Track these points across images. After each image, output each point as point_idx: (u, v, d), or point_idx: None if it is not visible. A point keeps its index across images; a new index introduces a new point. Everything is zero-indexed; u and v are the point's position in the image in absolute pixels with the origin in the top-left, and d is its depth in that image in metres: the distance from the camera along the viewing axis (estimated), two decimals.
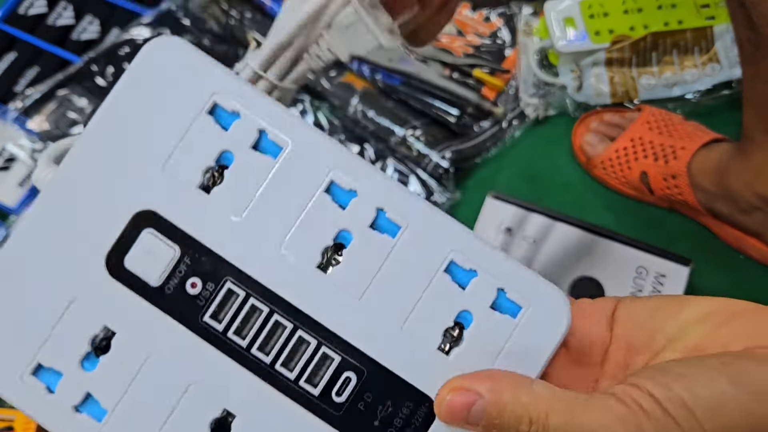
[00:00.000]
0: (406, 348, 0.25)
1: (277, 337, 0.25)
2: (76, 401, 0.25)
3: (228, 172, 0.25)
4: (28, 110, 0.75)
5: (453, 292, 0.25)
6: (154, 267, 0.25)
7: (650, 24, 0.75)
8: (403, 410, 0.25)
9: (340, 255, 0.25)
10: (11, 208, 0.74)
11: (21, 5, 0.85)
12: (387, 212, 0.25)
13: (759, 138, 0.59)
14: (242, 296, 0.25)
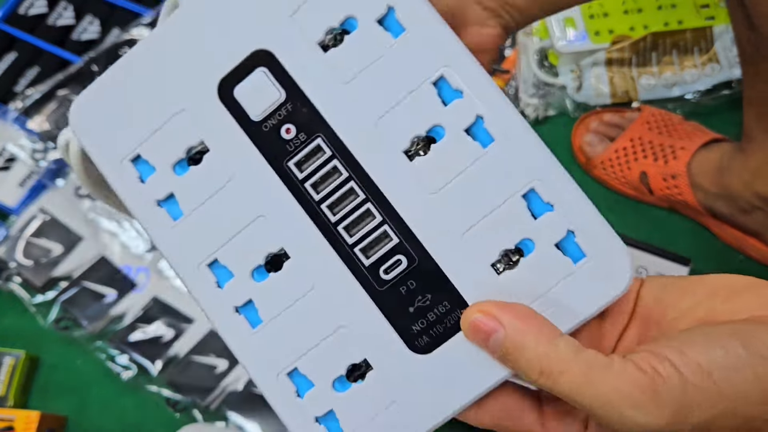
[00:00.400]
0: (461, 253, 0.25)
1: (347, 202, 0.26)
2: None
3: (348, 38, 0.26)
4: (28, 110, 0.75)
5: (524, 218, 0.25)
6: (258, 103, 0.26)
7: (650, 24, 0.75)
8: (439, 308, 0.26)
9: (428, 150, 0.26)
10: (11, 207, 0.74)
11: (21, 5, 0.85)
12: (485, 121, 0.25)
13: (759, 138, 0.59)
14: (328, 155, 0.26)
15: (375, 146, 0.26)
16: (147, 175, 0.27)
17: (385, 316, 0.26)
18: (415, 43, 0.25)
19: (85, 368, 0.68)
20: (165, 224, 0.27)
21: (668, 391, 0.23)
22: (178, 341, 0.67)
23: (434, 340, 0.26)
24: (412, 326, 0.26)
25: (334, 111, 0.26)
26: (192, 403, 0.64)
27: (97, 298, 0.69)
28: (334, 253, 0.26)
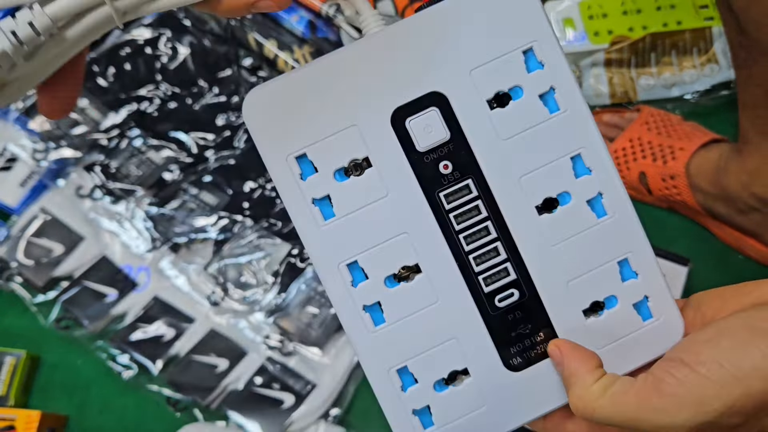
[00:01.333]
0: (562, 297, 0.32)
1: (481, 237, 0.31)
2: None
3: (513, 103, 0.31)
4: (29, 110, 0.75)
5: (614, 279, 0.32)
6: (426, 136, 0.31)
7: (649, 25, 0.75)
8: (535, 337, 0.32)
9: (554, 209, 0.31)
10: (13, 207, 0.74)
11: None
12: (603, 198, 0.31)
13: (754, 140, 0.59)
14: (474, 195, 0.31)
15: (514, 197, 0.31)
16: (308, 175, 0.31)
17: (490, 335, 0.32)
18: (565, 122, 0.31)
19: (86, 368, 0.69)
20: (315, 222, 0.31)
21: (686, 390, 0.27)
22: (178, 341, 0.67)
23: (526, 362, 0.32)
24: (510, 348, 0.32)
25: (488, 160, 0.31)
26: (192, 402, 0.64)
27: (98, 297, 0.69)
28: (461, 276, 0.31)
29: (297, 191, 0.31)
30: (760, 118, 0.58)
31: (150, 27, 0.80)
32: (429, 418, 0.32)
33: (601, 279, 0.32)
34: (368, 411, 0.65)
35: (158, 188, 0.73)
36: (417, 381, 0.32)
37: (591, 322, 0.32)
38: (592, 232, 0.31)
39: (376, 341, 0.31)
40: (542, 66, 0.31)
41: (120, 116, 0.76)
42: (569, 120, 0.31)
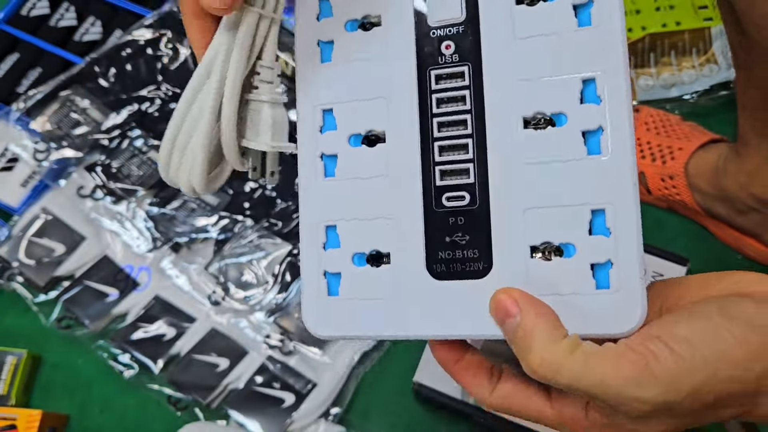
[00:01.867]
0: (514, 222, 0.28)
1: (455, 129, 0.29)
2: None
3: (541, 4, 0.28)
4: (30, 111, 0.75)
5: (581, 227, 0.28)
6: (439, 9, 0.30)
7: (648, 25, 0.75)
8: (468, 251, 0.29)
9: (542, 128, 0.28)
10: (14, 207, 0.74)
11: (23, 6, 0.85)
12: (603, 134, 0.28)
13: (753, 141, 0.59)
14: (464, 84, 0.29)
15: (505, 99, 0.29)
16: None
17: (424, 231, 0.29)
18: (592, 38, 0.28)
19: (87, 367, 0.69)
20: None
21: (660, 366, 0.26)
22: (179, 340, 0.67)
23: (449, 274, 0.29)
24: (439, 252, 0.29)
25: (493, 53, 0.29)
26: (193, 401, 0.65)
27: (99, 297, 0.69)
28: (420, 159, 0.29)
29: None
30: (759, 121, 0.58)
31: (151, 28, 0.80)
32: (336, 286, 0.31)
33: (566, 220, 0.28)
34: (368, 410, 0.65)
35: (159, 188, 0.73)
36: (340, 245, 0.30)
37: (534, 263, 0.28)
38: (576, 166, 0.28)
39: (320, 191, 0.31)
40: None
41: (121, 117, 0.76)
42: (598, 38, 0.27)
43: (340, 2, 0.31)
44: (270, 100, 0.30)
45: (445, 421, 0.64)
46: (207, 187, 0.30)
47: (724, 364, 0.26)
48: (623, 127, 0.27)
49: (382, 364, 0.67)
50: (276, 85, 0.30)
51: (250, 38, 0.29)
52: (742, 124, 0.60)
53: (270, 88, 0.30)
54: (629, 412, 0.26)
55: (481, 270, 0.29)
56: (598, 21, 0.27)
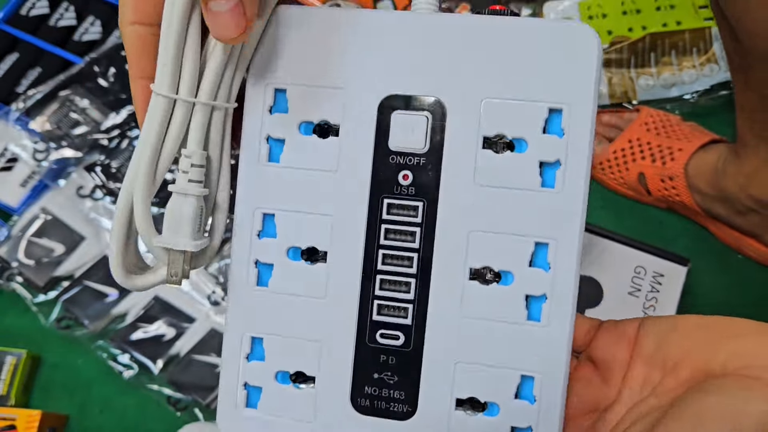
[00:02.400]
0: (442, 373, 0.28)
1: (399, 264, 0.28)
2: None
3: (509, 154, 0.27)
4: (30, 111, 0.75)
5: (506, 393, 0.28)
6: (402, 137, 0.28)
7: (649, 25, 0.75)
8: (395, 392, 0.29)
9: (488, 283, 0.28)
10: (13, 207, 0.74)
11: (23, 6, 0.85)
12: (546, 303, 0.28)
13: (751, 143, 0.60)
14: (416, 221, 0.28)
15: (455, 246, 0.28)
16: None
17: (353, 363, 0.28)
18: (552, 203, 0.27)
19: (87, 367, 0.69)
20: (259, 158, 0.29)
21: None
22: (179, 340, 0.67)
23: (372, 410, 0.29)
24: (366, 387, 0.29)
25: (450, 195, 0.27)
26: (193, 401, 0.65)
27: (98, 297, 0.69)
28: (359, 290, 0.28)
29: (258, 120, 0.29)
30: (757, 122, 0.58)
31: None
32: (256, 399, 0.29)
33: (494, 383, 0.28)
34: None
35: (159, 188, 0.73)
36: (264, 360, 0.29)
37: (458, 415, 0.28)
38: (514, 330, 0.27)
39: (249, 299, 0.29)
40: (562, 134, 0.27)
41: (121, 116, 0.76)
42: (557, 204, 0.27)
43: (298, 99, 0.28)
44: (194, 193, 0.27)
45: None
46: (129, 283, 0.28)
47: None
48: (565, 300, 0.27)
49: None
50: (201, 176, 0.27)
51: (163, 126, 0.26)
52: (740, 126, 0.60)
53: (189, 179, 0.27)
54: None
55: (404, 413, 0.28)
56: (561, 185, 0.27)
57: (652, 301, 0.61)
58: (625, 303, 0.62)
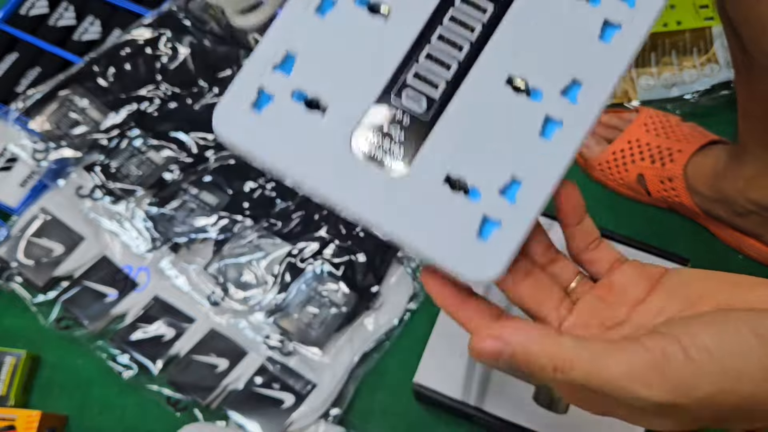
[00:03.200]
0: (446, 147, 0.30)
1: (452, 46, 0.31)
2: None
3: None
4: (29, 111, 0.75)
5: (494, 183, 0.30)
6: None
7: None
8: (395, 147, 0.31)
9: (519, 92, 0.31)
10: (13, 208, 0.74)
11: (22, 6, 0.85)
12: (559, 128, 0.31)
13: (752, 149, 0.60)
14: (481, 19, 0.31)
15: (503, 53, 0.31)
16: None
17: (370, 107, 0.31)
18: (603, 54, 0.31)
19: (86, 368, 0.69)
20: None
21: (673, 369, 0.26)
22: (178, 341, 0.67)
23: (368, 156, 0.31)
24: (368, 135, 0.31)
25: (517, 13, 0.31)
26: (193, 402, 0.65)
27: (98, 297, 0.69)
28: (407, 49, 0.31)
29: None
30: (759, 132, 0.58)
31: (150, 27, 0.80)
32: (263, 106, 0.31)
33: (487, 170, 0.30)
34: (368, 411, 0.65)
35: (158, 188, 0.73)
36: (289, 74, 0.31)
37: (442, 189, 0.30)
38: (524, 138, 0.30)
39: (304, 20, 0.31)
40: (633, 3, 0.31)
41: (120, 116, 0.76)
42: (605, 57, 0.31)
43: None
44: None
45: (444, 422, 0.64)
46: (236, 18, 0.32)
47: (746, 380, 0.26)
48: (577, 133, 0.30)
49: (382, 365, 0.67)
50: None
51: None
52: (742, 131, 0.60)
53: None
54: (632, 405, 0.27)
55: (397, 170, 0.31)
56: (616, 42, 0.31)
57: None
58: None
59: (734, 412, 0.27)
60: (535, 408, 0.59)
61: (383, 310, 0.68)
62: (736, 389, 0.26)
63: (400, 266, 0.70)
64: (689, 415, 0.27)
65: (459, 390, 0.60)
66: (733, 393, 0.26)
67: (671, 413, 0.27)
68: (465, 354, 0.61)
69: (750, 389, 0.26)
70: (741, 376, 0.26)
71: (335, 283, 0.67)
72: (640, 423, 0.29)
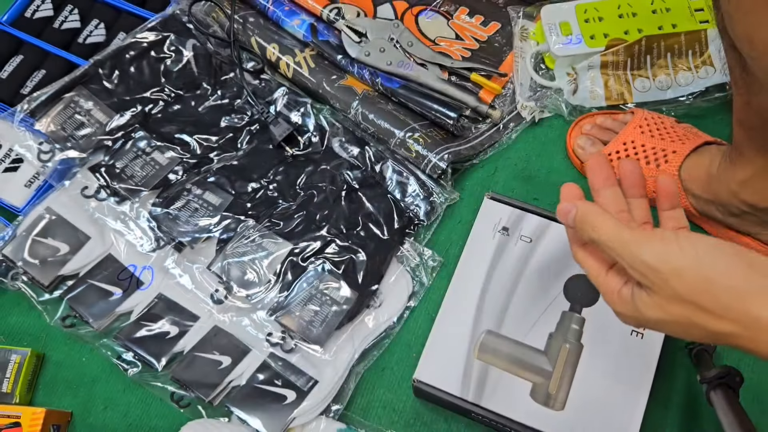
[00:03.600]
0: None
1: None
2: None
3: None
4: (35, 112, 0.76)
5: None
6: None
7: (645, 28, 0.76)
8: None
9: None
10: (18, 208, 0.75)
11: (27, 8, 0.86)
12: None
13: (748, 153, 0.60)
14: None
15: None
16: None
17: None
18: None
19: (91, 365, 0.69)
20: None
21: (663, 242, 0.40)
22: (182, 338, 0.67)
23: None
24: None
25: None
26: (196, 398, 0.65)
27: (103, 296, 0.70)
28: None
29: None
30: (754, 138, 0.58)
31: (154, 30, 0.81)
32: None
33: None
34: (368, 407, 0.66)
35: (162, 189, 0.73)
36: None
37: None
38: None
39: None
40: None
41: (125, 118, 0.77)
42: None
43: None
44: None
45: (443, 417, 0.65)
46: None
47: (724, 273, 0.37)
48: None
49: (382, 362, 0.68)
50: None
51: None
52: (737, 136, 0.60)
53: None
54: (632, 271, 0.41)
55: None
56: None
57: None
58: None
59: (716, 306, 0.37)
60: (531, 404, 0.60)
61: (383, 308, 0.68)
62: (712, 276, 0.37)
63: (399, 265, 0.71)
64: (675, 295, 0.38)
65: (457, 386, 0.61)
66: (711, 281, 0.37)
67: (661, 288, 0.39)
68: (463, 351, 0.62)
69: (727, 282, 0.37)
70: (724, 271, 0.37)
71: (336, 281, 0.68)
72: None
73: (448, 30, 0.84)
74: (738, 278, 0.37)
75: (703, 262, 0.38)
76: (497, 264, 0.65)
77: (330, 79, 0.79)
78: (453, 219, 0.74)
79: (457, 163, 0.75)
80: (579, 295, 0.63)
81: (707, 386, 0.57)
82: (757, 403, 0.62)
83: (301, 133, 0.77)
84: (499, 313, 0.63)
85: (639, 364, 0.60)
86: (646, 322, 0.42)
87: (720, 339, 0.38)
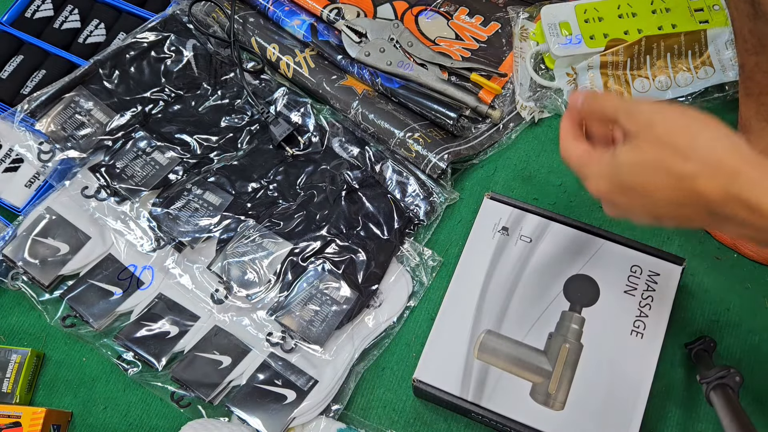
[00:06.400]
0: None
1: None
2: None
3: None
4: (35, 112, 0.76)
5: None
6: None
7: (644, 28, 0.76)
8: None
9: None
10: (19, 208, 0.75)
11: (27, 9, 0.86)
12: None
13: (756, 127, 0.59)
14: None
15: None
16: None
17: None
18: None
19: (91, 365, 0.69)
20: None
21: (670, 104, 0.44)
22: (182, 338, 0.67)
23: None
24: None
25: None
26: (196, 398, 0.65)
27: (103, 295, 0.70)
28: None
29: None
30: (764, 105, 0.58)
31: (154, 30, 0.81)
32: None
33: None
34: (368, 406, 0.66)
35: (163, 189, 0.74)
36: None
37: None
38: None
39: None
40: None
41: (125, 118, 0.77)
42: None
43: None
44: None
45: (443, 417, 0.65)
46: None
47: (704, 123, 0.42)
48: None
49: (382, 362, 0.68)
50: None
51: None
52: (744, 113, 0.60)
53: None
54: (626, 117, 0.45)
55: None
56: None
57: (647, 300, 0.62)
58: (621, 301, 0.63)
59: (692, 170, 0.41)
60: (531, 404, 0.60)
61: (383, 307, 0.69)
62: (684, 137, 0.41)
63: (399, 265, 0.71)
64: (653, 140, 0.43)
65: (457, 386, 0.61)
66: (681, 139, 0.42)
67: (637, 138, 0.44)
68: (463, 351, 0.62)
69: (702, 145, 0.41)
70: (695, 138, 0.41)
71: (336, 281, 0.68)
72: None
73: (447, 30, 0.84)
74: (713, 128, 0.42)
75: (687, 113, 0.43)
76: (497, 264, 0.65)
77: (330, 79, 0.79)
78: (453, 219, 0.74)
79: (457, 163, 0.75)
80: (579, 295, 0.63)
81: (707, 386, 0.57)
82: (757, 403, 0.62)
83: (301, 133, 0.77)
84: (499, 313, 0.63)
85: (639, 364, 0.60)
86: (617, 168, 0.45)
87: (682, 186, 0.41)
